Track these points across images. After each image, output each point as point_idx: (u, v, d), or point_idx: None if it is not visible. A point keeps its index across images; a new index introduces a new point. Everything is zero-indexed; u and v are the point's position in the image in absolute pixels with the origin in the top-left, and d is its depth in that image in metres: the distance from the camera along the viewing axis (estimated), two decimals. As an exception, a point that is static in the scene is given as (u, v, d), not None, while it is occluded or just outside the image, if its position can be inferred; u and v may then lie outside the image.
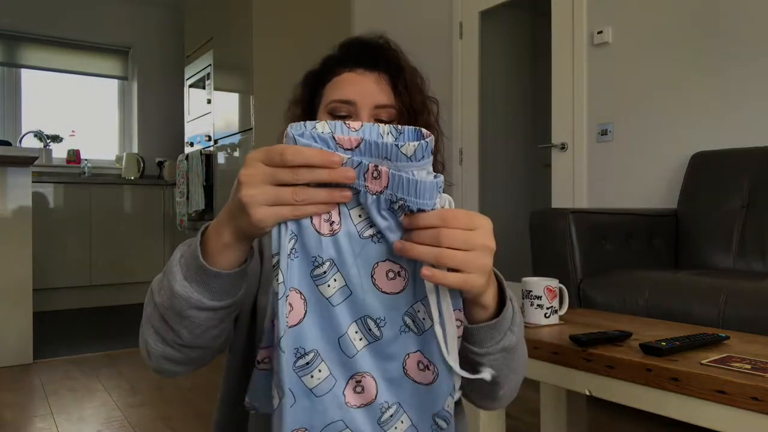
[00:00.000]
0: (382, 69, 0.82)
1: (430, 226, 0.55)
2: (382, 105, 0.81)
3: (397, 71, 0.83)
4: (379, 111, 0.81)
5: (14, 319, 2.81)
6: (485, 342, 0.67)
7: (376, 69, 0.82)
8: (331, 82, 0.83)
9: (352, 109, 0.80)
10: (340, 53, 0.86)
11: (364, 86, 0.81)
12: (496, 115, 3.49)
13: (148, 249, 4.70)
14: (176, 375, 0.71)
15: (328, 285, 0.57)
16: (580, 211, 2.12)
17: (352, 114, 0.80)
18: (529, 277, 1.42)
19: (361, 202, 0.56)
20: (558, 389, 1.55)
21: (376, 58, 0.83)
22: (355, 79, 0.82)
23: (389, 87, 0.82)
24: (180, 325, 0.62)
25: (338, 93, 0.81)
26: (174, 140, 5.12)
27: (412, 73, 0.85)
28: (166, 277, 0.63)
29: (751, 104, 2.24)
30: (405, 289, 0.58)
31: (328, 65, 0.85)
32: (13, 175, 2.83)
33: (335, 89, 0.82)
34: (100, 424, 2.03)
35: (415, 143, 0.55)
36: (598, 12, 2.74)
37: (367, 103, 0.80)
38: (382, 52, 0.84)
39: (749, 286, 1.61)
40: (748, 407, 0.90)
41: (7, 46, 4.76)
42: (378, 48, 0.85)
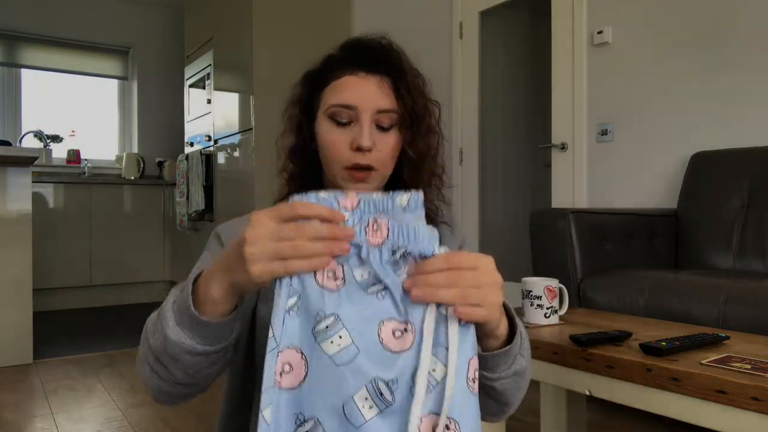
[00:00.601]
0: (384, 72, 0.80)
1: (438, 269, 0.57)
2: (384, 110, 0.79)
3: (400, 74, 0.81)
4: (381, 116, 0.79)
5: (14, 319, 2.81)
6: (498, 367, 0.70)
7: (378, 72, 0.80)
8: (330, 84, 0.81)
9: (353, 114, 0.79)
10: (341, 54, 0.83)
11: (365, 90, 0.79)
12: (496, 115, 3.49)
13: (148, 249, 4.70)
14: (176, 404, 0.71)
15: (332, 341, 0.54)
16: (580, 211, 2.12)
17: (352, 119, 0.79)
18: (529, 277, 1.42)
19: (363, 257, 0.56)
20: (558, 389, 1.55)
21: (378, 60, 0.81)
22: (357, 83, 0.79)
23: (391, 91, 0.80)
24: (174, 366, 0.63)
25: (339, 97, 0.79)
26: (174, 140, 5.12)
27: (414, 75, 0.83)
28: (159, 320, 0.63)
29: (751, 104, 2.24)
30: (412, 346, 0.56)
31: (328, 66, 0.83)
32: (13, 175, 2.83)
33: (335, 93, 0.80)
34: (100, 424, 2.03)
35: (407, 194, 0.58)
36: (598, 12, 2.74)
37: (368, 108, 0.78)
38: (384, 54, 0.82)
39: (749, 286, 1.61)
40: (748, 407, 0.90)
41: (7, 46, 4.76)
42: (380, 50, 0.82)
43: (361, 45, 0.83)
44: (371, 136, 0.78)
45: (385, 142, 0.80)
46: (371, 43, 0.83)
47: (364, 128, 0.78)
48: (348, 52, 0.83)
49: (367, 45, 0.83)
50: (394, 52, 0.83)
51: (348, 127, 0.80)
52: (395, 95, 0.80)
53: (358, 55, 0.82)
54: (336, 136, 0.80)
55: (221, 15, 4.11)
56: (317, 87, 0.83)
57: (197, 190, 4.14)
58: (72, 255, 4.36)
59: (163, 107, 5.22)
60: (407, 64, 0.83)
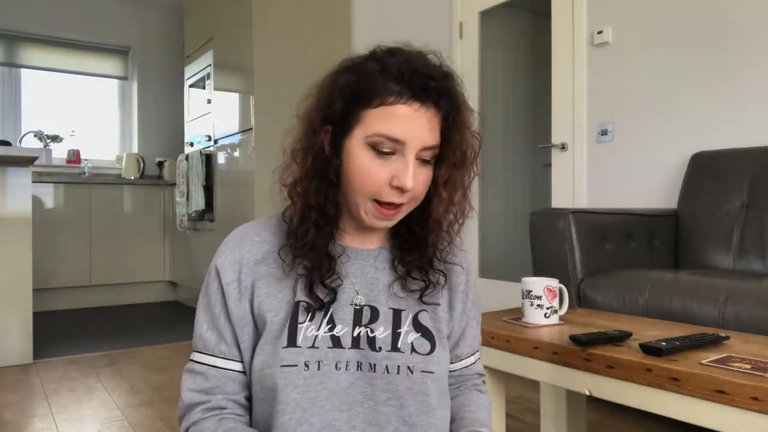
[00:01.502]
0: (441, 107, 0.75)
1: None
2: (429, 147, 0.75)
3: (456, 112, 0.76)
4: (425, 152, 0.75)
5: (14, 319, 2.81)
6: None
7: (435, 104, 0.75)
8: (378, 108, 0.73)
9: (398, 147, 0.74)
10: (396, 74, 0.74)
11: (417, 126, 0.73)
12: (496, 115, 3.49)
13: (148, 249, 4.70)
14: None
15: None
16: (580, 211, 2.12)
17: (396, 151, 0.74)
18: (529, 277, 1.42)
19: None
20: (558, 389, 1.55)
21: (437, 92, 0.75)
22: (410, 117, 0.73)
23: (439, 125, 0.76)
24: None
25: (387, 127, 0.73)
26: (174, 140, 5.12)
27: (466, 109, 0.79)
28: None
29: (751, 104, 2.24)
30: None
31: (376, 82, 0.74)
32: (13, 175, 2.83)
33: (384, 121, 0.73)
34: (100, 424, 2.03)
35: None
36: (598, 12, 2.74)
37: (415, 146, 0.74)
38: (444, 87, 0.76)
39: (749, 286, 1.61)
40: (748, 407, 0.90)
41: (7, 46, 4.76)
42: (441, 80, 0.75)
43: (421, 70, 0.75)
44: (416, 176, 0.74)
45: (423, 177, 0.77)
46: (432, 69, 0.76)
47: (408, 167, 0.73)
48: (404, 75, 0.74)
49: (428, 72, 0.75)
50: (452, 84, 0.77)
51: (389, 157, 0.74)
52: (442, 130, 0.76)
53: (417, 82, 0.74)
54: (374, 166, 0.74)
55: (221, 15, 4.11)
56: (358, 102, 0.75)
57: (197, 190, 4.14)
58: (72, 255, 4.36)
59: (163, 107, 5.22)
60: (462, 98, 0.78)
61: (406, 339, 0.79)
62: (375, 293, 0.82)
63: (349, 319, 0.79)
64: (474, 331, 0.92)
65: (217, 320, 0.81)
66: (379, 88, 0.74)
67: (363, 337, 0.78)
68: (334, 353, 0.77)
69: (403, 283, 0.83)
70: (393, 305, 0.82)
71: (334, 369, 0.76)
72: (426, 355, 0.79)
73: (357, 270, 0.83)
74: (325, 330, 0.77)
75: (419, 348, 0.79)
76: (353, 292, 0.81)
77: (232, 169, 3.97)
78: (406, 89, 0.73)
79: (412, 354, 0.78)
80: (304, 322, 0.77)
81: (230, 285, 0.80)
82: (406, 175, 0.73)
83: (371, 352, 0.78)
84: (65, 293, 4.38)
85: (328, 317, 0.78)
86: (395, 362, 0.77)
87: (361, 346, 0.78)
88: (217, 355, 0.81)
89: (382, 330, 0.79)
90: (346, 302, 0.80)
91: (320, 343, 0.76)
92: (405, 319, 0.81)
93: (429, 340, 0.81)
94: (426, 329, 0.81)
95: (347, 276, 0.82)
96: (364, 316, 0.80)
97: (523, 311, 1.40)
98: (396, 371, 0.77)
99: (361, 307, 0.80)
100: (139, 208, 4.68)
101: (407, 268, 0.83)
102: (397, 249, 0.85)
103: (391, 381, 0.77)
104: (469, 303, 0.90)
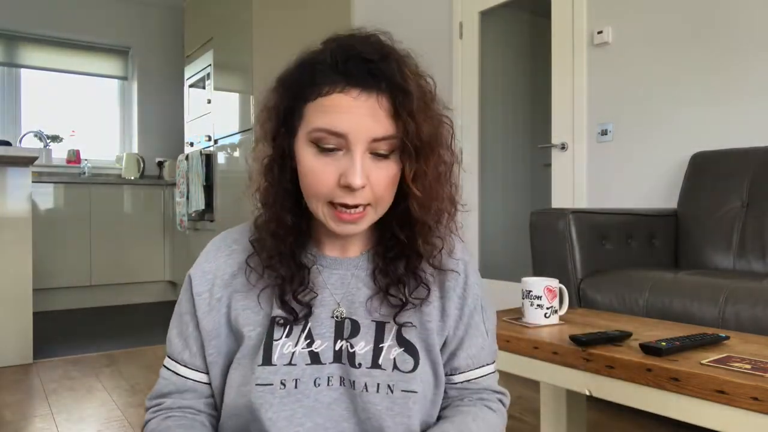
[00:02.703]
0: (384, 89, 0.66)
1: None
2: (382, 138, 0.66)
3: (403, 93, 0.67)
4: (377, 144, 0.67)
5: (14, 319, 2.80)
6: None
7: (376, 90, 0.66)
8: (316, 100, 0.67)
9: (342, 142, 0.66)
10: (330, 60, 0.67)
11: (359, 115, 0.65)
12: (496, 115, 3.49)
13: (148, 249, 4.70)
14: None
15: None
16: (580, 211, 2.12)
17: (341, 147, 0.66)
18: (529, 277, 1.42)
19: None
20: (558, 389, 1.55)
21: (376, 74, 0.66)
22: (349, 105, 0.65)
23: (391, 112, 0.66)
24: None
25: (325, 120, 0.66)
26: (174, 140, 5.12)
27: (421, 90, 0.69)
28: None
29: (751, 104, 2.24)
30: None
31: (312, 73, 0.68)
32: (13, 175, 2.83)
33: (321, 114, 0.66)
34: (100, 424, 2.03)
35: None
36: (598, 12, 2.74)
37: (361, 137, 0.66)
38: (384, 67, 0.67)
39: (749, 286, 1.61)
40: (748, 407, 0.90)
41: (7, 46, 4.76)
42: (380, 61, 0.67)
43: (355, 53, 0.67)
44: (363, 172, 0.66)
45: (382, 173, 0.68)
46: (368, 51, 0.67)
47: (355, 162, 0.66)
48: (339, 63, 0.67)
49: (363, 54, 0.67)
50: (396, 63, 0.68)
51: (335, 154, 0.67)
52: (395, 117, 0.67)
53: (353, 67, 0.66)
54: (319, 165, 0.67)
55: (221, 15, 4.11)
56: (298, 98, 0.69)
57: (197, 190, 4.14)
58: (72, 255, 4.36)
59: (163, 107, 5.22)
60: (412, 78, 0.68)
61: (388, 354, 0.73)
62: (356, 305, 0.76)
63: (329, 333, 0.74)
64: (477, 341, 0.81)
65: (186, 328, 0.79)
66: (315, 79, 0.67)
67: (344, 351, 0.74)
68: (313, 369, 0.72)
69: (381, 297, 0.75)
70: (376, 317, 0.75)
71: (313, 386, 0.72)
72: (408, 373, 0.73)
73: (337, 281, 0.77)
74: (303, 346, 0.73)
75: (401, 365, 0.73)
76: (334, 304, 0.76)
77: (232, 169, 3.97)
78: (341, 76, 0.66)
79: (393, 371, 0.73)
80: (280, 338, 0.72)
81: (200, 296, 0.77)
82: (352, 171, 0.65)
83: (351, 368, 0.72)
84: (65, 293, 4.38)
85: (306, 332, 0.74)
86: (375, 380, 0.72)
87: (342, 361, 0.73)
88: (180, 362, 0.79)
89: (363, 345, 0.74)
90: (326, 315, 0.75)
91: (297, 359, 0.72)
92: (389, 332, 0.75)
93: (412, 355, 0.74)
94: (409, 344, 0.75)
95: (325, 287, 0.76)
96: (345, 329, 0.75)
97: (523, 311, 1.40)
98: (375, 389, 0.72)
99: (342, 320, 0.75)
100: (139, 208, 4.68)
101: (387, 280, 0.75)
102: (380, 257, 0.77)
103: (370, 400, 0.71)
104: (466, 309, 0.80)
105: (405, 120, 0.67)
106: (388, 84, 0.66)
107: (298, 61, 0.71)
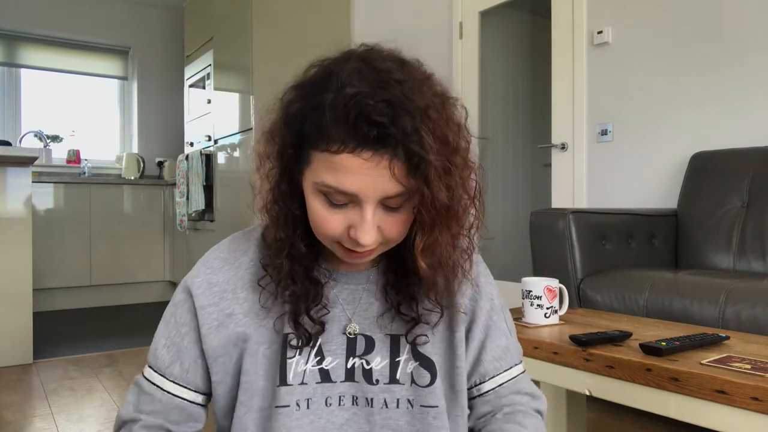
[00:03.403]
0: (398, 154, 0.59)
1: None
2: (394, 196, 0.61)
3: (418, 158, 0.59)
4: (389, 200, 0.62)
5: (14, 319, 2.80)
6: None
7: (390, 153, 0.59)
8: (323, 153, 0.60)
9: (353, 197, 0.62)
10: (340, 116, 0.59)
11: (370, 177, 0.59)
12: (496, 115, 3.49)
13: (148, 249, 4.70)
14: None
15: None
16: (580, 211, 2.12)
17: (352, 202, 0.62)
18: (529, 277, 1.42)
19: None
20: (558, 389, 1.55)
21: (390, 136, 0.58)
22: (359, 168, 0.59)
23: (405, 170, 0.60)
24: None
25: (334, 179, 0.60)
26: (174, 140, 5.12)
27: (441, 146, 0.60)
28: None
29: (751, 104, 2.24)
30: None
31: (318, 120, 0.60)
32: (13, 175, 2.83)
33: (330, 172, 0.60)
34: (100, 424, 2.03)
35: None
36: (598, 12, 2.74)
37: (372, 197, 0.61)
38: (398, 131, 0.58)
39: (749, 286, 1.61)
40: (748, 407, 0.90)
41: (7, 46, 4.76)
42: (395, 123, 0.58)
43: (368, 111, 0.58)
44: (374, 227, 0.63)
45: (394, 222, 0.64)
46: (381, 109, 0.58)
47: (365, 220, 0.62)
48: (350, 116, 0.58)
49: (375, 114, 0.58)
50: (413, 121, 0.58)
51: (344, 207, 0.63)
52: (410, 174, 0.60)
53: (364, 126, 0.58)
54: (329, 215, 0.64)
55: (221, 15, 4.11)
56: (305, 139, 0.63)
57: (197, 190, 4.14)
58: (72, 255, 4.36)
59: (163, 107, 5.22)
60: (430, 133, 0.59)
61: (405, 369, 0.72)
62: (369, 320, 0.73)
63: (341, 350, 0.72)
64: (500, 341, 0.79)
65: (180, 340, 0.74)
66: (323, 129, 0.60)
67: (358, 369, 0.72)
68: (323, 388, 0.71)
69: (393, 314, 0.73)
70: (390, 331, 0.73)
71: (324, 406, 0.70)
72: (425, 388, 0.72)
73: (348, 296, 0.74)
74: (313, 363, 0.71)
75: (418, 379, 0.72)
76: (345, 320, 0.73)
77: (232, 169, 3.97)
78: (351, 136, 0.58)
79: (411, 386, 0.72)
80: (293, 357, 0.70)
81: (205, 310, 0.72)
82: (362, 229, 0.62)
83: (367, 386, 0.71)
84: (65, 293, 4.38)
85: (317, 349, 0.71)
86: (394, 395, 0.71)
87: (356, 379, 0.71)
88: (167, 377, 0.74)
89: (379, 360, 0.72)
90: (338, 331, 0.73)
91: (308, 378, 0.71)
92: (403, 346, 0.73)
93: (428, 369, 0.72)
94: (425, 357, 0.73)
95: (337, 303, 0.74)
96: (358, 346, 0.72)
97: (523, 311, 1.40)
98: (395, 405, 0.71)
99: (355, 336, 0.73)
100: (139, 208, 4.68)
101: (399, 297, 0.72)
102: (392, 273, 0.74)
103: (390, 416, 0.71)
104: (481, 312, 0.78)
105: (419, 182, 0.60)
106: (403, 148, 0.59)
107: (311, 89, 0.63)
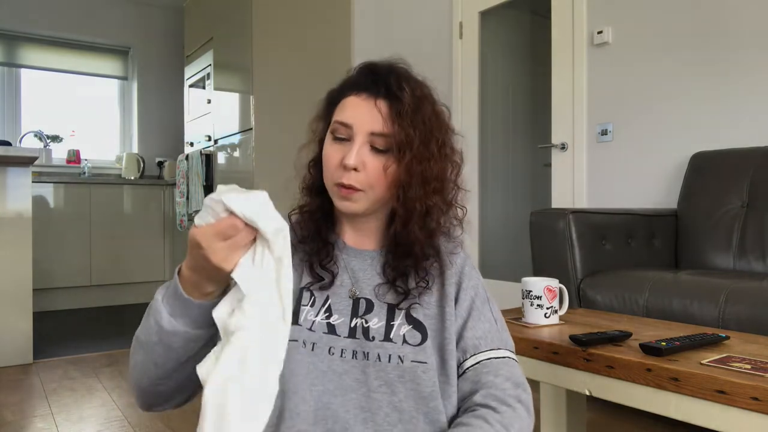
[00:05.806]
0: (382, 95, 0.83)
1: None
2: (378, 133, 0.82)
3: (396, 99, 0.82)
4: (375, 138, 0.82)
5: (14, 319, 2.81)
6: None
7: (377, 94, 0.83)
8: (340, 102, 0.86)
9: (350, 132, 0.82)
10: (354, 75, 0.88)
11: (361, 111, 0.82)
12: (496, 115, 3.49)
13: (148, 249, 4.70)
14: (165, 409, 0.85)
15: None
16: (580, 211, 2.12)
17: (350, 137, 0.82)
18: (529, 277, 1.42)
19: None
20: (558, 389, 1.55)
21: (377, 82, 0.83)
22: (356, 103, 0.83)
23: (389, 114, 0.82)
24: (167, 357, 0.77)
25: (340, 114, 0.84)
26: (174, 140, 5.12)
27: (416, 102, 0.84)
28: (152, 317, 0.77)
29: (751, 104, 2.24)
30: None
31: (342, 86, 0.88)
32: (13, 175, 2.83)
33: (340, 111, 0.84)
34: (100, 424, 2.03)
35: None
36: (598, 12, 2.74)
37: (362, 130, 0.82)
38: (384, 77, 0.84)
39: (749, 286, 1.61)
40: (748, 407, 0.90)
41: (7, 46, 4.76)
42: (384, 73, 0.84)
43: (369, 68, 0.87)
44: (358, 156, 0.81)
45: (375, 163, 0.82)
46: (377, 66, 0.86)
47: (353, 147, 0.81)
48: (357, 74, 0.87)
49: (373, 68, 0.86)
50: (396, 76, 0.84)
51: (343, 143, 0.83)
52: (392, 120, 0.82)
53: (363, 76, 0.85)
54: (331, 150, 0.84)
55: (221, 15, 4.11)
56: (332, 104, 0.87)
57: (197, 190, 4.14)
58: (72, 255, 4.36)
59: (163, 107, 5.22)
60: (409, 90, 0.83)
61: (398, 331, 0.84)
62: (368, 290, 0.87)
63: (347, 310, 0.85)
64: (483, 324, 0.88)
65: None
66: (343, 89, 0.87)
67: (359, 327, 0.84)
68: (328, 339, 0.82)
69: (388, 287, 0.87)
70: (386, 300, 0.87)
71: (327, 353, 0.81)
72: (417, 346, 0.83)
73: (356, 266, 0.89)
74: (323, 317, 0.84)
75: (410, 339, 0.83)
76: (350, 285, 0.87)
77: (232, 169, 3.97)
78: (356, 83, 0.85)
79: (403, 345, 0.83)
80: (306, 305, 0.85)
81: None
82: (349, 154, 0.81)
83: (365, 341, 0.83)
84: (65, 293, 4.38)
85: (327, 306, 0.85)
86: (387, 351, 0.82)
87: (357, 336, 0.83)
88: None
89: (376, 321, 0.84)
90: (345, 294, 0.86)
91: (317, 327, 0.83)
92: (398, 313, 0.86)
93: (420, 331, 0.84)
94: (418, 322, 0.85)
95: (346, 271, 0.88)
96: (360, 307, 0.86)
97: (523, 311, 1.40)
98: (387, 360, 0.82)
99: (358, 299, 0.86)
100: (139, 208, 4.68)
101: (394, 274, 0.87)
102: (391, 254, 0.88)
103: (383, 369, 0.81)
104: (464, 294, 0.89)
105: (403, 124, 0.81)
106: (387, 91, 0.83)
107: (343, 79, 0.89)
